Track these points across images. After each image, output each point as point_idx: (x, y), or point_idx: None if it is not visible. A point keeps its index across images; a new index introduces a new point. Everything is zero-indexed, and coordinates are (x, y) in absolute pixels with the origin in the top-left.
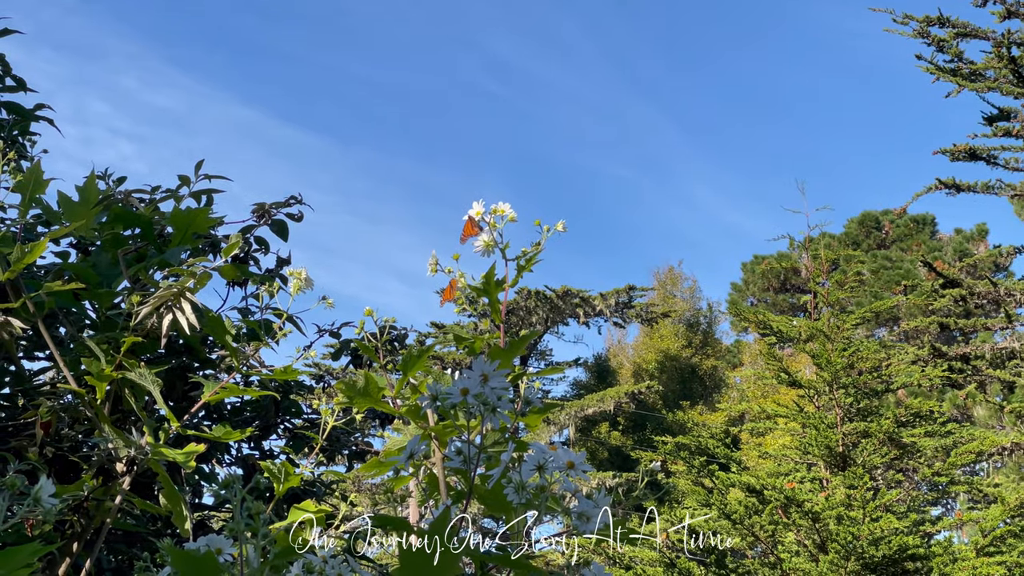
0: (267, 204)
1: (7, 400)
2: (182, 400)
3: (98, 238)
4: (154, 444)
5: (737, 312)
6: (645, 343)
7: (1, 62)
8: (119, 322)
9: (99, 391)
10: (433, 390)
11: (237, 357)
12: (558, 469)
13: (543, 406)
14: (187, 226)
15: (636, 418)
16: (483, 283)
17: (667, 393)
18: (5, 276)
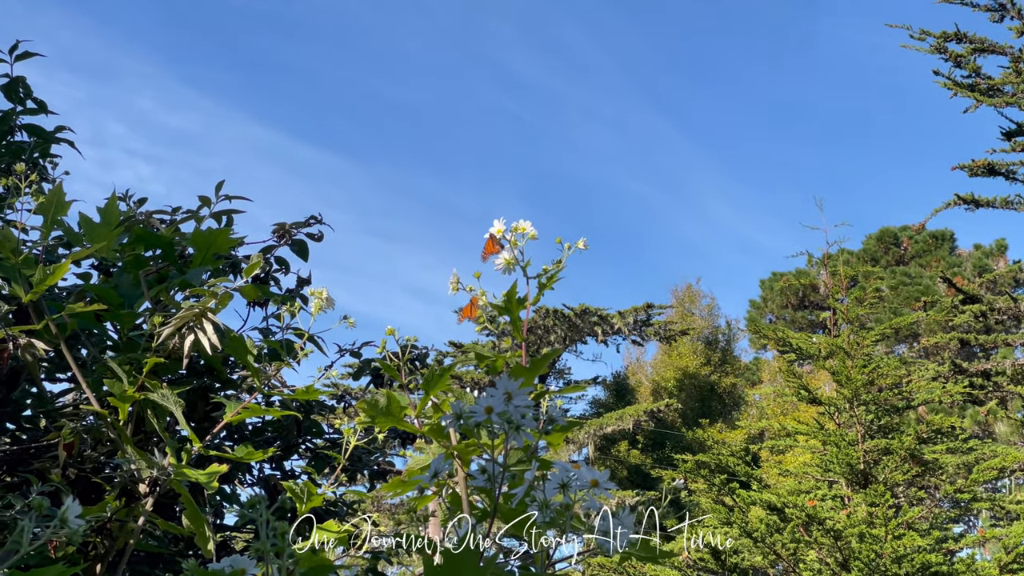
0: (287, 224)
1: (29, 422)
2: (204, 420)
3: (119, 259)
4: (176, 465)
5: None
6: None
7: (22, 85)
8: (141, 343)
9: (122, 412)
10: (457, 409)
11: (259, 377)
12: (582, 487)
13: (566, 424)
14: (208, 247)
15: (655, 436)
16: (504, 301)
17: (686, 411)
18: (28, 298)
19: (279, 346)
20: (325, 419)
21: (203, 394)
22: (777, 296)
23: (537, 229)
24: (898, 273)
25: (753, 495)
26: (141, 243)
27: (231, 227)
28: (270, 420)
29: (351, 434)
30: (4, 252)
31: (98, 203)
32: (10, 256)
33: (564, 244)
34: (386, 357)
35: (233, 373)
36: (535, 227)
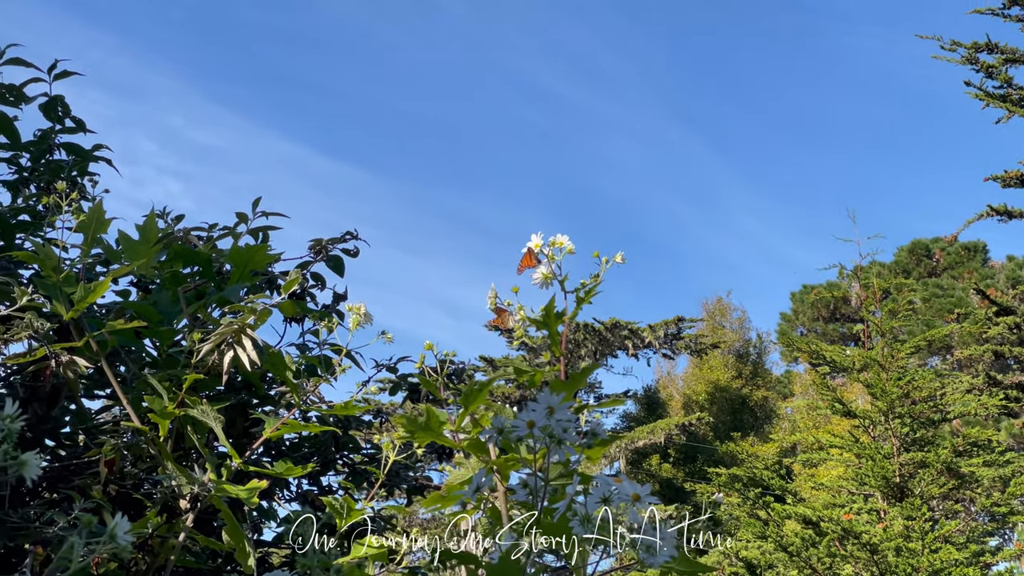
0: (324, 240)
1: (68, 439)
2: (243, 436)
3: (158, 276)
4: (217, 481)
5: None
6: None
7: (60, 104)
8: (180, 359)
9: (162, 428)
10: (499, 423)
11: (297, 393)
12: (623, 501)
13: (607, 438)
14: (246, 263)
15: (687, 450)
16: (543, 316)
17: (718, 424)
18: (69, 315)
19: (317, 362)
20: (362, 434)
21: (242, 410)
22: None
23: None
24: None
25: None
26: (179, 260)
27: (267, 243)
28: (307, 435)
29: (389, 449)
30: (45, 270)
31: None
32: (51, 274)
33: (602, 258)
34: (424, 372)
35: (271, 389)
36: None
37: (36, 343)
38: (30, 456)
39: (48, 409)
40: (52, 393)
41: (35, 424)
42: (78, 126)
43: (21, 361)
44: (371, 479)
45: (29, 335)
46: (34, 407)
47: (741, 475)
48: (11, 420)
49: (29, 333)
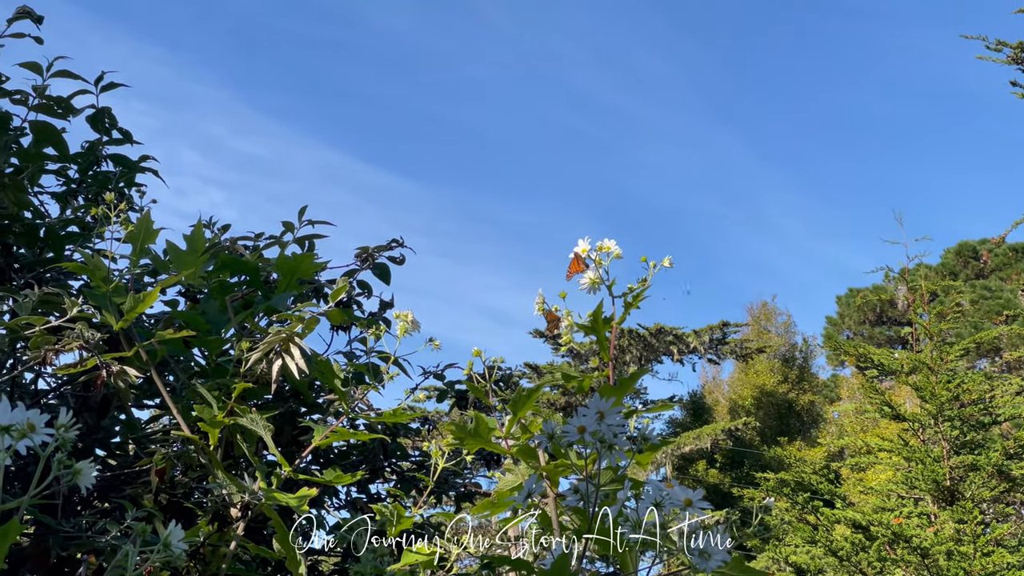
0: (370, 248)
1: (119, 448)
2: (291, 445)
3: (206, 286)
4: (267, 489)
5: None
6: (740, 379)
7: (107, 116)
8: (229, 368)
9: (212, 437)
10: (549, 429)
11: (346, 401)
12: (675, 507)
13: (658, 442)
14: (293, 272)
15: (733, 455)
16: (591, 321)
17: (764, 429)
18: (119, 325)
19: (365, 369)
20: (410, 442)
21: (290, 418)
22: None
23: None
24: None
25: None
26: (227, 269)
27: (314, 252)
28: (356, 443)
29: (439, 456)
30: (95, 281)
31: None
32: (101, 285)
33: (649, 262)
34: (472, 379)
35: (319, 397)
36: None
37: (87, 353)
38: (84, 465)
39: (99, 419)
40: (103, 403)
41: (86, 434)
42: (125, 137)
43: (72, 371)
44: (420, 486)
45: (80, 345)
46: (85, 417)
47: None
48: (65, 429)
49: (80, 343)
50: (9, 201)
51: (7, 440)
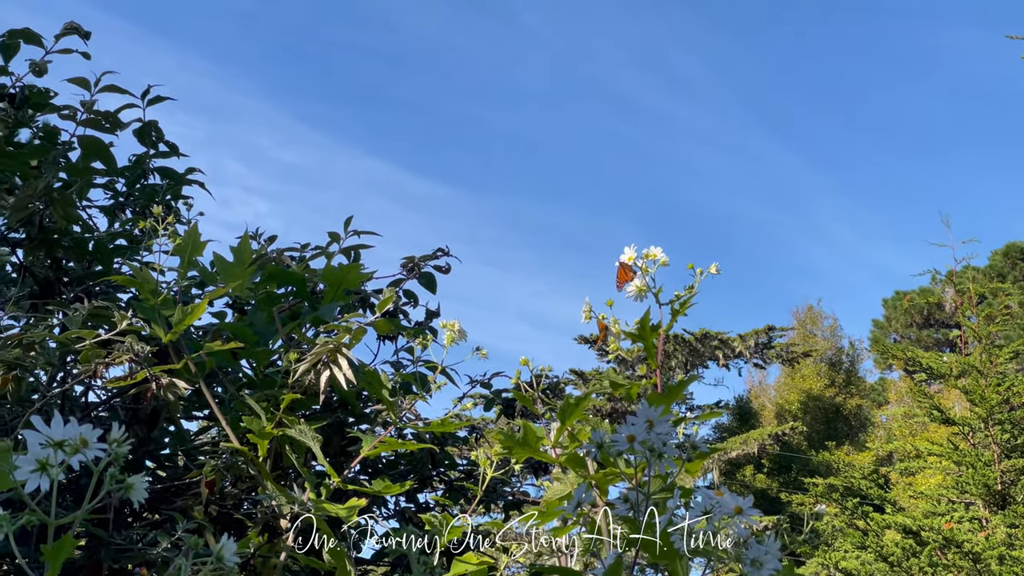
0: (416, 257)
1: (168, 460)
2: (339, 455)
3: (253, 297)
4: (316, 500)
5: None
6: (787, 383)
7: (154, 129)
8: (277, 379)
9: (261, 448)
10: (598, 438)
11: (394, 411)
12: (725, 514)
13: (707, 450)
14: (339, 282)
15: (781, 460)
16: (639, 329)
17: (811, 434)
18: (168, 338)
19: (412, 379)
20: (458, 451)
21: (338, 428)
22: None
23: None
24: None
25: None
26: (274, 281)
27: (360, 262)
28: (404, 453)
29: (487, 465)
30: (144, 294)
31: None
32: (150, 298)
33: (696, 269)
34: (520, 387)
35: (367, 407)
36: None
37: (136, 366)
38: (137, 479)
39: (149, 431)
40: (152, 415)
41: (136, 446)
42: (171, 150)
43: (122, 384)
44: (468, 495)
45: (130, 358)
46: (135, 429)
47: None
48: (118, 444)
49: (130, 356)
50: (58, 216)
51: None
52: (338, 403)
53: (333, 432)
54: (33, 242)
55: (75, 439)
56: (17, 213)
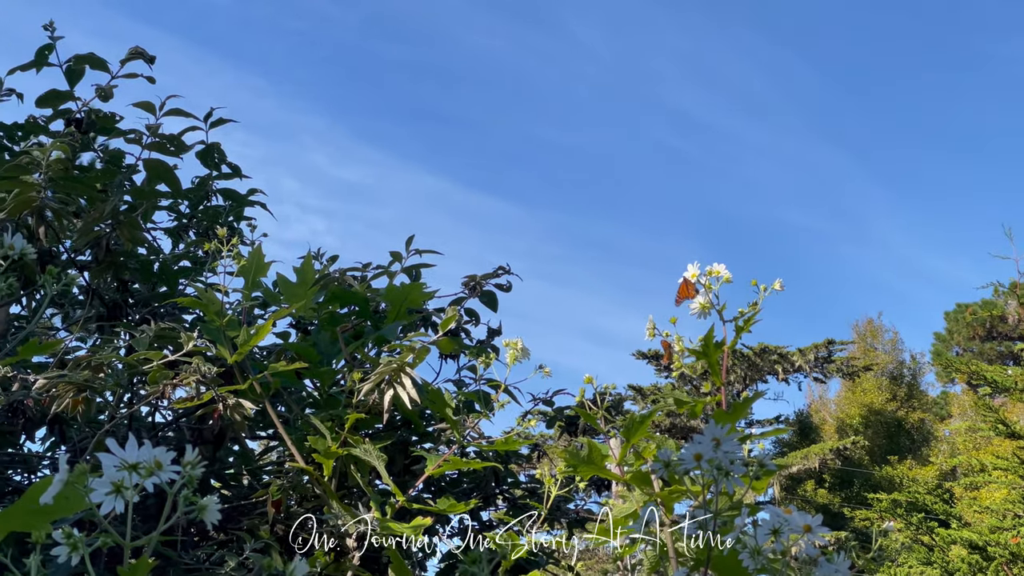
0: (477, 276)
1: (233, 479)
2: (403, 474)
3: (316, 317)
4: (381, 519)
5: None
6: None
7: (217, 151)
8: (341, 399)
9: (326, 468)
10: (665, 456)
11: (458, 429)
12: (794, 533)
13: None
14: (402, 302)
15: (842, 475)
16: (702, 346)
17: (873, 448)
18: (233, 359)
19: (476, 397)
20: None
21: (402, 447)
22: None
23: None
24: None
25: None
26: (337, 301)
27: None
28: (467, 470)
29: (551, 484)
30: (209, 315)
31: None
32: (215, 319)
33: (760, 286)
34: (585, 405)
35: (430, 425)
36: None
37: (203, 387)
38: (210, 500)
39: (214, 451)
40: (218, 435)
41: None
42: (234, 172)
43: (189, 405)
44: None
45: (197, 379)
46: (201, 449)
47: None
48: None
49: (197, 378)
50: (125, 238)
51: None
52: (401, 422)
53: (397, 451)
54: (100, 264)
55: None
56: (84, 236)
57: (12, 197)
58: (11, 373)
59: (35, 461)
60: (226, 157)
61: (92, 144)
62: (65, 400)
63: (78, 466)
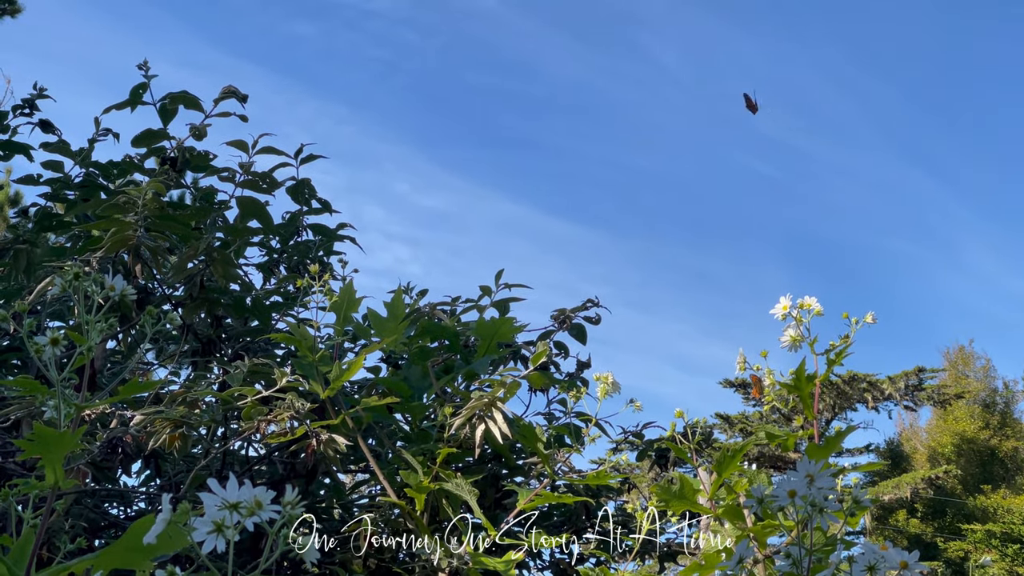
0: (567, 310)
1: (326, 513)
2: (494, 508)
3: (406, 351)
4: (474, 553)
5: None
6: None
7: (307, 187)
8: (432, 433)
9: (418, 502)
10: (758, 493)
11: (549, 464)
12: (891, 569)
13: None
14: (492, 336)
15: (935, 504)
16: (794, 379)
17: (966, 477)
18: (326, 394)
19: (566, 431)
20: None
21: (493, 481)
22: None
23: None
24: None
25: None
26: (427, 335)
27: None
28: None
29: (643, 518)
30: (302, 350)
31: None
32: (308, 354)
33: (851, 319)
34: (676, 439)
35: (520, 459)
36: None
37: (296, 422)
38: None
39: (307, 484)
40: (311, 470)
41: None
42: (324, 207)
43: (283, 440)
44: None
45: (291, 415)
46: (294, 483)
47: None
48: (292, 507)
49: (291, 413)
50: (218, 275)
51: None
52: (492, 455)
53: (487, 484)
54: (194, 301)
55: (250, 501)
56: (179, 273)
57: (109, 236)
58: (109, 409)
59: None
60: (316, 192)
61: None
62: (162, 436)
63: (181, 505)
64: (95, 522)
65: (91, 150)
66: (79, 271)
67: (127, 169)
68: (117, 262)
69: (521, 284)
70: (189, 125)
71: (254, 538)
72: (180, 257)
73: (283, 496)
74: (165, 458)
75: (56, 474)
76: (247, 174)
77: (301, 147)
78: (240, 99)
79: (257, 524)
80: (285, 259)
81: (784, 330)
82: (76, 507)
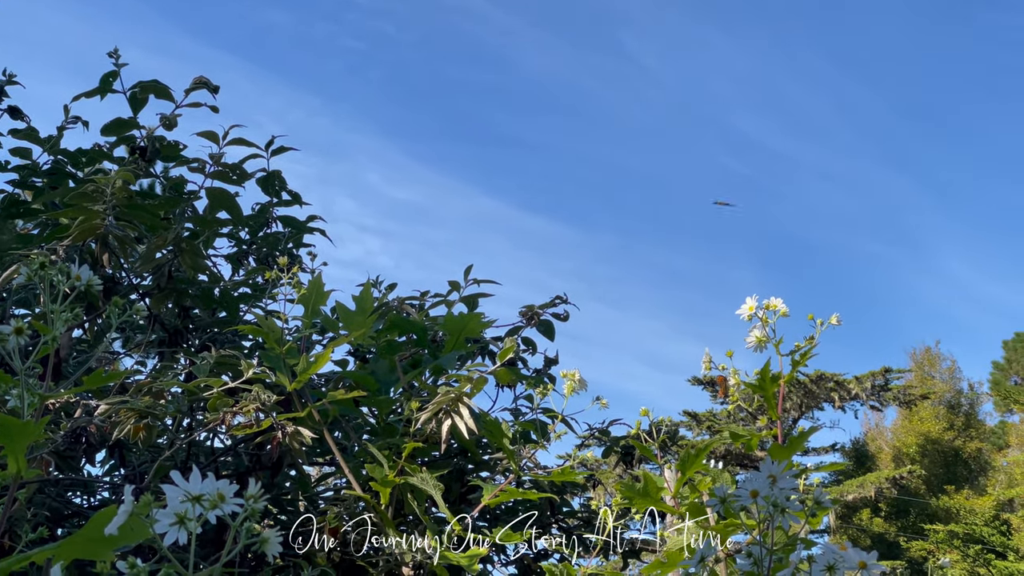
0: (534, 306)
1: (290, 505)
2: (459, 502)
3: (374, 345)
4: (438, 547)
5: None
6: (904, 426)
7: (278, 179)
8: (398, 427)
9: (383, 496)
10: (721, 493)
11: (514, 460)
12: (849, 569)
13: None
14: (460, 331)
15: (899, 504)
16: (759, 380)
17: (930, 477)
18: (292, 387)
19: (532, 427)
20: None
21: (458, 476)
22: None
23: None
24: None
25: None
26: (395, 329)
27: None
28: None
29: (607, 516)
30: (269, 343)
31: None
32: (275, 346)
33: (817, 320)
34: (640, 437)
35: (486, 454)
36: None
37: (263, 414)
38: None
39: (272, 477)
40: (276, 462)
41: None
42: (294, 199)
43: (249, 432)
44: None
45: (257, 407)
46: (259, 475)
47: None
48: (255, 500)
49: (257, 405)
50: (186, 265)
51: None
52: (458, 450)
53: (453, 479)
54: (162, 291)
55: (213, 494)
56: (147, 263)
57: (77, 224)
58: (73, 399)
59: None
60: (286, 184)
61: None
62: (127, 426)
63: (143, 497)
64: (58, 511)
65: (60, 138)
66: (45, 260)
67: (96, 157)
68: (85, 251)
69: (490, 280)
70: (159, 115)
71: (218, 530)
72: (148, 247)
73: (247, 489)
74: (130, 448)
75: (19, 463)
76: (217, 165)
77: (272, 139)
78: (211, 90)
79: (219, 516)
80: (254, 251)
81: (750, 331)
82: (39, 496)
